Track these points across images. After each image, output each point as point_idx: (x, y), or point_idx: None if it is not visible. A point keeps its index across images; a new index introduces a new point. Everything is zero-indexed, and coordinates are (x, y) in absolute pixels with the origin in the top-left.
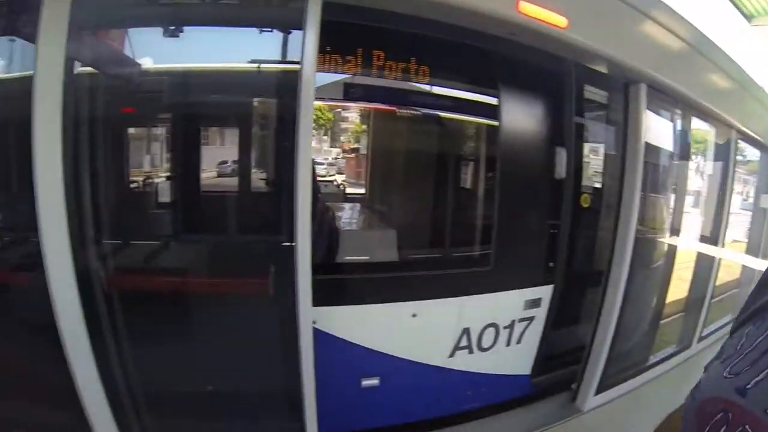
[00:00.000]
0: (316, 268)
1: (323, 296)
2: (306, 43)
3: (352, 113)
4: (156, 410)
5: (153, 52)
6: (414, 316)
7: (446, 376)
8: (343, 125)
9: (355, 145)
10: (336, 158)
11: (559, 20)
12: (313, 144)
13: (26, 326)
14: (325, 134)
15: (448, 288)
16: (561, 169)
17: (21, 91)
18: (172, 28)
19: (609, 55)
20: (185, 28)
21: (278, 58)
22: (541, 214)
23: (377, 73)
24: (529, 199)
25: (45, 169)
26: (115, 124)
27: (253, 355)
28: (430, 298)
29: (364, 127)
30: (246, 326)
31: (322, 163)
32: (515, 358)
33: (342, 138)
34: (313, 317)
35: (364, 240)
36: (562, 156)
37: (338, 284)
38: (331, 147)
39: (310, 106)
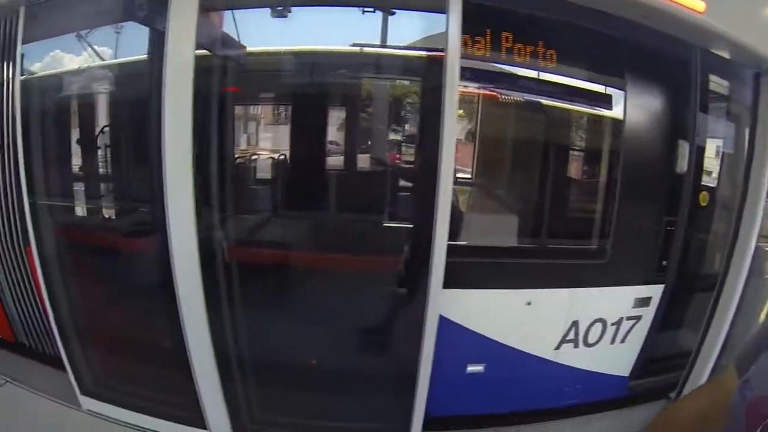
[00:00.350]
0: None
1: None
2: (450, 26)
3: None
4: (265, 380)
5: (289, 35)
6: (528, 304)
7: (548, 369)
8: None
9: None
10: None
11: (697, 4)
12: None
13: (144, 290)
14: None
15: (564, 278)
16: (683, 163)
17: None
18: (309, 9)
19: (745, 42)
20: (324, 10)
21: (419, 41)
22: (659, 209)
23: (502, 58)
24: (649, 192)
25: (175, 150)
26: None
27: (371, 332)
28: (546, 287)
29: (467, 111)
30: (369, 304)
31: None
32: (616, 358)
33: None
34: None
35: (485, 224)
36: (684, 149)
37: (456, 268)
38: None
39: (454, 90)
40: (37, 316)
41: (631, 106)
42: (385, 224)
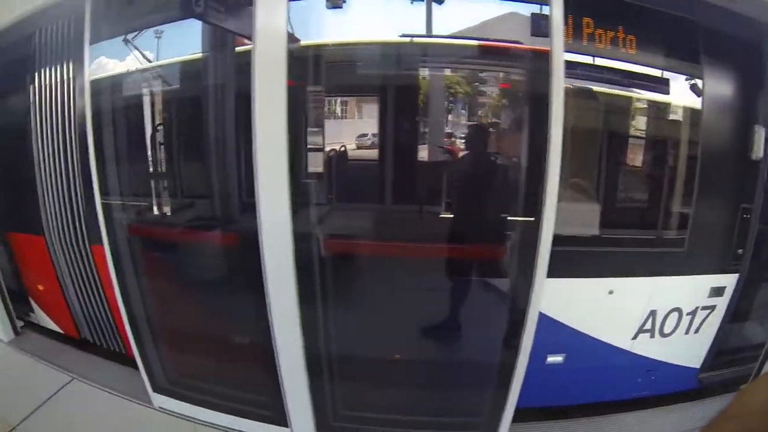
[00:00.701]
0: None
1: None
2: (553, 15)
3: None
4: (353, 376)
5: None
6: (610, 293)
7: (624, 360)
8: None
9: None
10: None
11: None
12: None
13: (224, 286)
14: (464, 108)
15: (644, 267)
16: (759, 149)
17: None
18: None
19: None
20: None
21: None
22: (735, 196)
23: (584, 45)
24: (726, 180)
25: (268, 146)
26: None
27: (467, 324)
28: (627, 276)
29: None
30: (465, 296)
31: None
32: (689, 349)
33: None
34: None
35: (568, 213)
36: (760, 135)
37: None
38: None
39: (560, 80)
40: (102, 313)
41: (708, 93)
42: (487, 215)
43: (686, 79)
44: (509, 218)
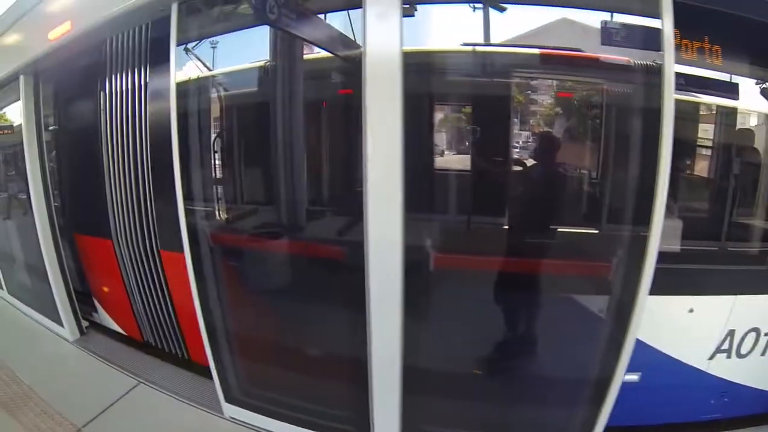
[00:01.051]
0: None
1: None
2: (665, 28)
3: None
4: (447, 393)
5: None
6: (690, 311)
7: (699, 380)
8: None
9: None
10: (527, 141)
11: None
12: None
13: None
14: (516, 117)
15: (725, 284)
16: None
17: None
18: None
19: None
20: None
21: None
22: None
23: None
24: None
25: (380, 157)
26: None
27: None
28: (708, 294)
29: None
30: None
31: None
32: (764, 371)
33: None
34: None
35: None
36: None
37: None
38: (521, 130)
39: (671, 93)
40: (167, 318)
41: None
42: (593, 231)
43: (758, 83)
44: (614, 234)
